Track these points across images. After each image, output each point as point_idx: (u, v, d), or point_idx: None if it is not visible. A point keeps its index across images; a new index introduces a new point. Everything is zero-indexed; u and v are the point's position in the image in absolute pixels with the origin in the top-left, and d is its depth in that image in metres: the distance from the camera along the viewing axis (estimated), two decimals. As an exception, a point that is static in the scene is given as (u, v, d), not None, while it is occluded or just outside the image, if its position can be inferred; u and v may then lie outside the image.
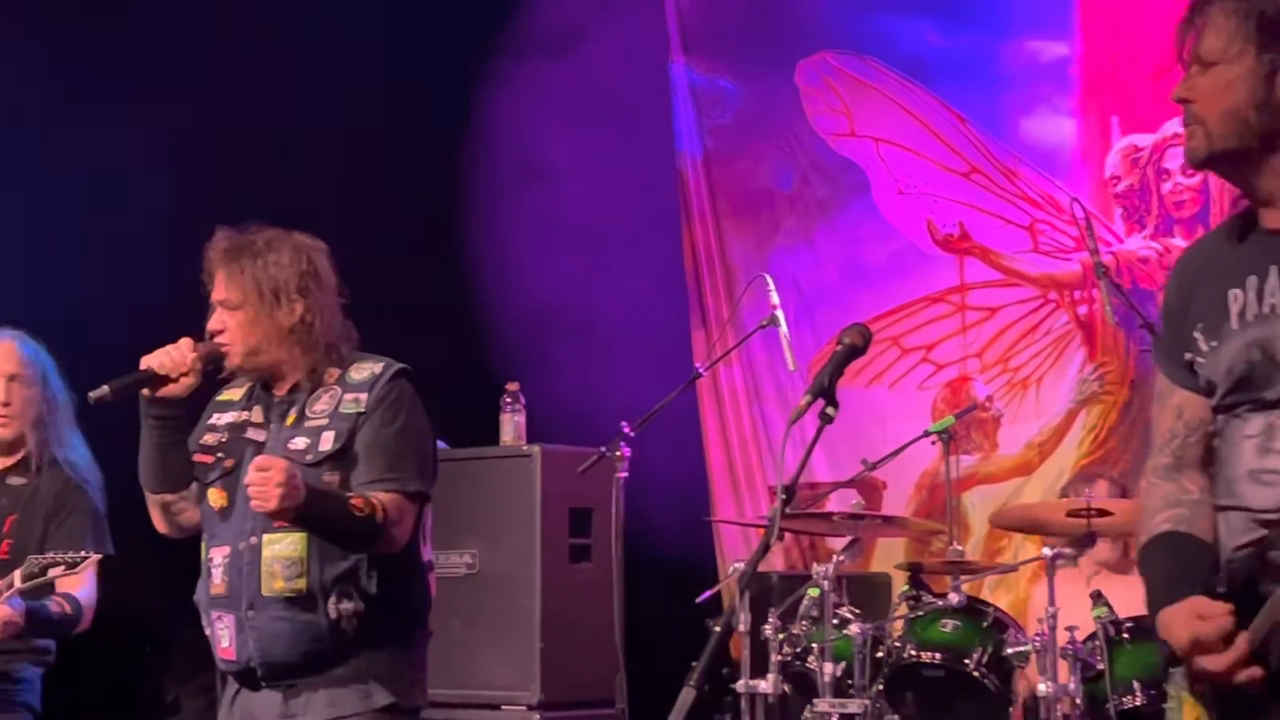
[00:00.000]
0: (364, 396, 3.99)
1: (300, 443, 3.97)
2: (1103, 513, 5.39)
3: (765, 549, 3.16)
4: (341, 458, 3.95)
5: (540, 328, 8.15)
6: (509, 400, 6.75)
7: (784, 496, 3.14)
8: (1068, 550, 5.56)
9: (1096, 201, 7.39)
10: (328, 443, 3.96)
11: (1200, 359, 2.77)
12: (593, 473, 6.23)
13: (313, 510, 3.80)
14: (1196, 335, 2.79)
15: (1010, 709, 5.52)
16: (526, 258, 8.23)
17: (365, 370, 4.06)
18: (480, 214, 8.43)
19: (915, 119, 8.00)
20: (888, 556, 7.56)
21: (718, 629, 2.99)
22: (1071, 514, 5.47)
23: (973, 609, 5.63)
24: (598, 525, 6.54)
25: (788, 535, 7.59)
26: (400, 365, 4.10)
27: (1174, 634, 2.62)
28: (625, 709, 6.08)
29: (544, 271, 8.18)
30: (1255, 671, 2.53)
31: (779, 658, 5.85)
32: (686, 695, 2.86)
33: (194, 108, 7.39)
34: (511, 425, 6.72)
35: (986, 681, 5.42)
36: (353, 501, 3.85)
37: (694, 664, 2.90)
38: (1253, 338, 2.69)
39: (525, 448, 6.55)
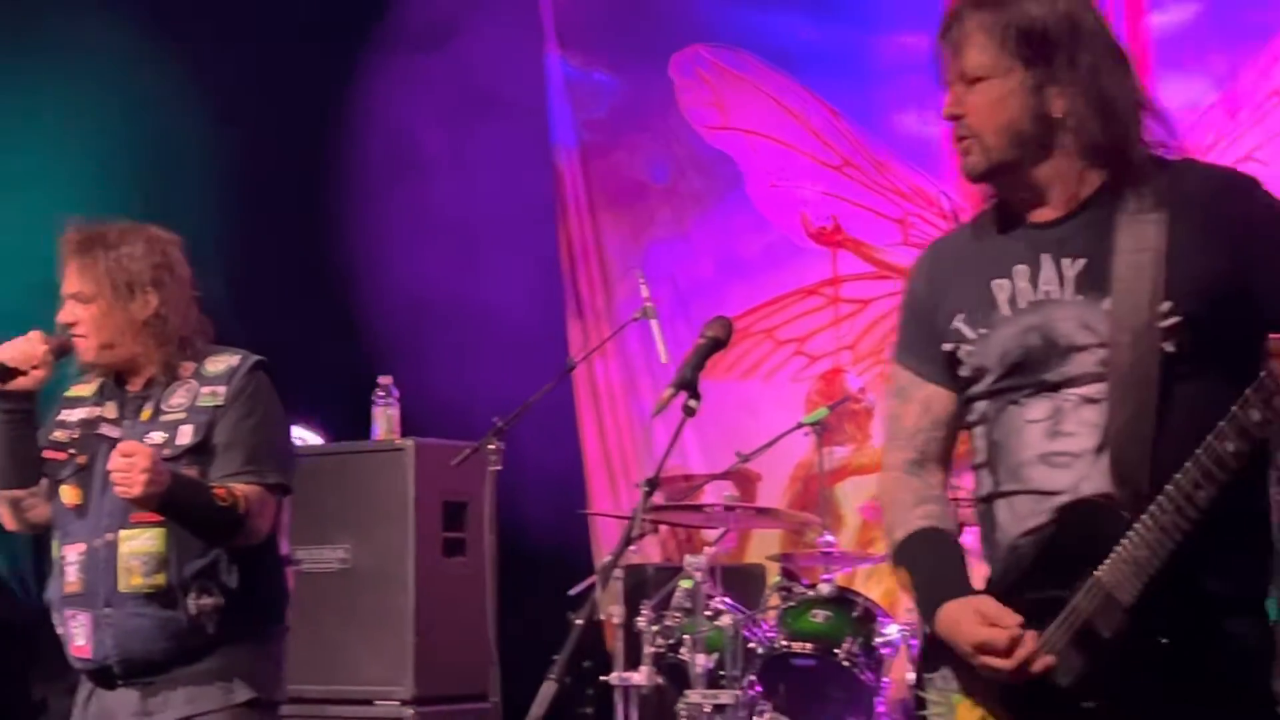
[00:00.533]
0: (221, 389, 3.95)
1: (157, 437, 3.91)
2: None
3: (628, 541, 3.17)
4: (200, 451, 3.90)
5: (415, 321, 8.11)
6: (382, 394, 6.70)
7: (646, 489, 3.14)
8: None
9: (969, 194, 7.46)
10: (186, 436, 3.91)
11: (967, 346, 2.80)
12: (467, 467, 6.20)
13: (176, 497, 3.75)
14: (959, 325, 2.81)
15: (879, 698, 5.57)
16: (401, 251, 8.19)
17: (221, 363, 4.01)
18: (355, 208, 8.37)
19: (788, 112, 8.04)
20: (764, 548, 7.60)
21: (580, 621, 2.98)
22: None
23: (843, 599, 5.69)
24: (472, 519, 6.51)
25: (663, 528, 7.61)
26: (257, 357, 4.06)
27: (961, 632, 2.64)
28: (499, 702, 6.07)
29: (419, 265, 8.14)
30: (1048, 660, 2.57)
31: (652, 649, 5.87)
32: (547, 688, 2.86)
33: (61, 102, 7.28)
34: (385, 419, 6.67)
35: (856, 670, 5.47)
36: (215, 491, 3.82)
37: (555, 657, 2.90)
38: (1029, 323, 2.72)
39: (398, 442, 6.50)
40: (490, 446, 6.11)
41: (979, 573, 2.81)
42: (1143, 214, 2.68)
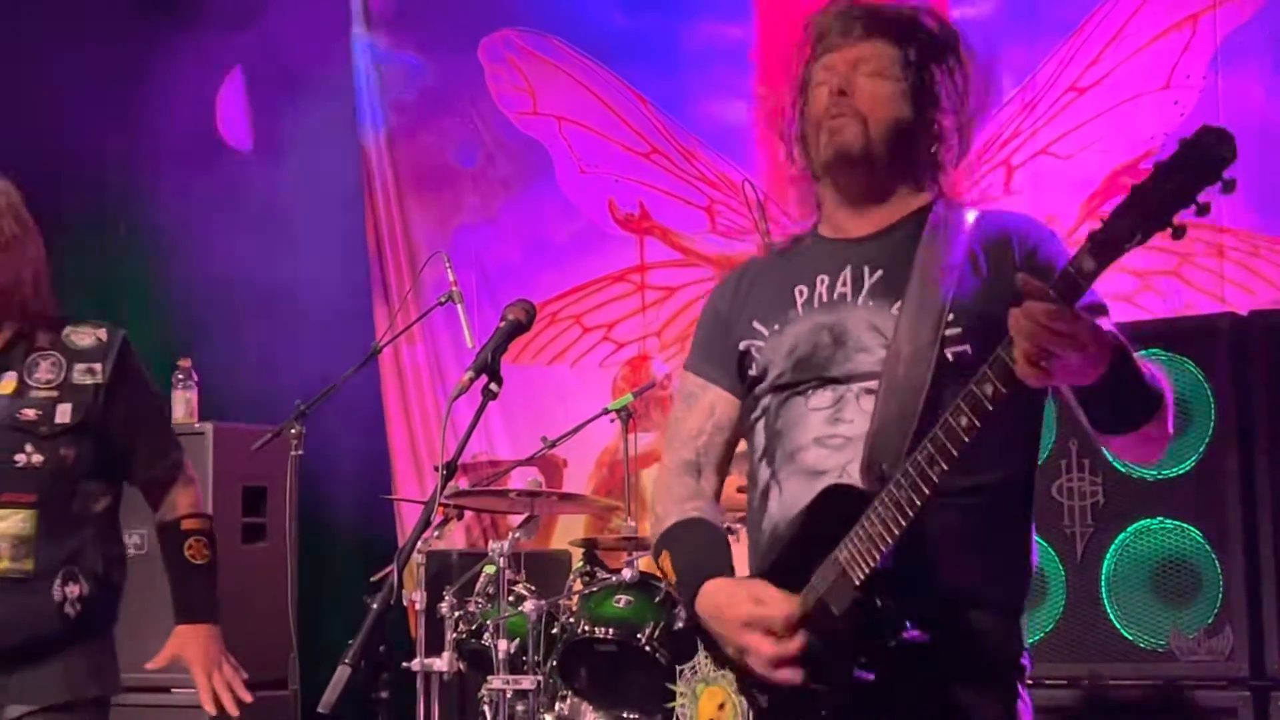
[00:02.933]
0: (98, 367, 3.79)
1: (30, 414, 3.72)
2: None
3: (425, 525, 3.15)
4: (79, 432, 3.75)
5: (218, 303, 7.99)
6: (181, 377, 6.60)
7: (444, 474, 3.13)
8: (736, 525, 5.65)
9: (774, 183, 7.52)
10: (64, 416, 3.73)
11: (759, 343, 2.85)
12: (269, 452, 6.12)
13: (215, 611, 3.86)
14: (756, 325, 2.87)
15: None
16: (205, 231, 8.05)
17: (87, 335, 3.84)
18: (157, 186, 8.21)
19: (597, 98, 8.05)
20: (569, 534, 7.61)
21: (375, 605, 2.97)
22: (740, 490, 5.56)
23: (645, 584, 5.71)
24: (272, 504, 6.44)
25: (468, 513, 7.58)
26: (122, 330, 3.91)
27: (734, 608, 2.66)
28: (299, 690, 6.01)
29: (223, 245, 8.00)
30: (796, 675, 2.59)
31: (454, 635, 5.86)
32: (342, 672, 2.86)
33: None
34: (183, 402, 6.58)
35: (658, 655, 5.49)
36: (190, 559, 3.96)
37: (350, 641, 2.89)
38: (821, 321, 2.79)
39: (197, 425, 6.42)
40: (292, 431, 6.04)
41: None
42: (946, 242, 2.77)
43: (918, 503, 2.50)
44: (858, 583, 2.55)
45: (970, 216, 2.82)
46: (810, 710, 2.63)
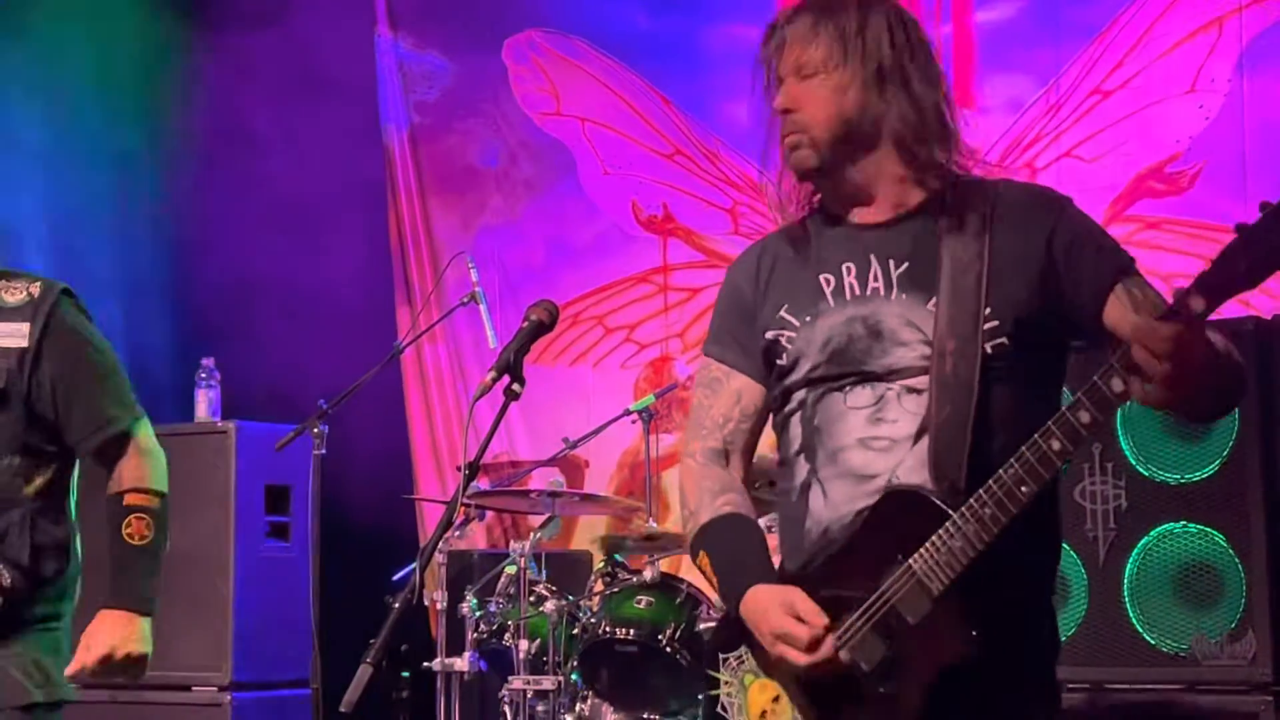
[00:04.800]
0: (26, 328, 3.44)
1: None
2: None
3: (447, 525, 3.16)
4: (5, 400, 3.43)
5: (242, 302, 8.00)
6: (204, 375, 6.62)
7: (466, 474, 3.13)
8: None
9: (794, 187, 7.49)
10: None
11: (789, 333, 2.84)
12: (292, 450, 6.15)
13: (149, 600, 3.51)
14: (784, 314, 2.86)
15: (701, 683, 5.60)
16: (229, 230, 8.07)
17: (17, 292, 3.50)
18: (183, 185, 8.24)
19: (621, 100, 8.05)
20: (590, 534, 7.61)
21: (396, 605, 2.97)
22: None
23: (667, 585, 5.71)
24: (295, 503, 6.46)
25: (489, 514, 7.59)
26: (60, 285, 3.55)
27: (768, 619, 2.68)
28: (319, 688, 6.02)
29: (247, 244, 8.02)
30: (840, 661, 2.63)
31: (475, 635, 5.87)
32: (363, 672, 2.87)
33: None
34: (206, 401, 6.59)
35: (679, 656, 5.49)
36: (127, 538, 3.46)
37: (372, 640, 2.89)
38: (855, 314, 2.77)
39: (220, 424, 6.43)
40: (315, 430, 6.06)
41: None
42: (967, 226, 2.76)
43: (1003, 519, 2.54)
44: (936, 593, 2.58)
45: (988, 194, 2.81)
46: (880, 712, 2.66)
